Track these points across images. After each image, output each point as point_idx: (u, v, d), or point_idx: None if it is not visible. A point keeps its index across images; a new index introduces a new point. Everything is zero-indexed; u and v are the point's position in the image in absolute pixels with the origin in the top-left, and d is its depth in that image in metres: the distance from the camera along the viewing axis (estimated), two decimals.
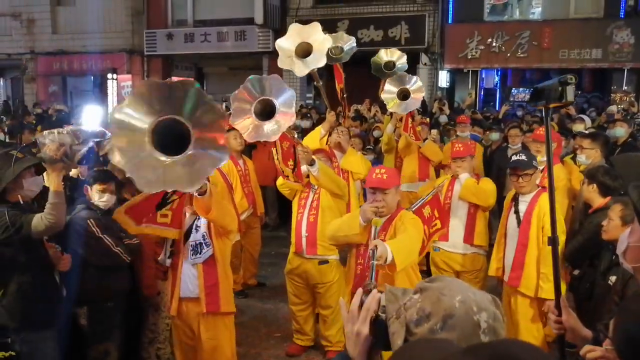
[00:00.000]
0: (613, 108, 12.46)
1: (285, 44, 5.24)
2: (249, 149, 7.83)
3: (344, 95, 7.25)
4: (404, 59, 7.79)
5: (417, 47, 14.27)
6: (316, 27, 5.19)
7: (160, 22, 17.65)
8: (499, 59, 13.64)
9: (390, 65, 7.69)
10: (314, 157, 4.69)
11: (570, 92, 2.95)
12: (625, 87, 14.12)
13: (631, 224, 2.06)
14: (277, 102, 3.79)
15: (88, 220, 3.96)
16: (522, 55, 13.55)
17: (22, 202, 3.53)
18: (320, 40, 5.20)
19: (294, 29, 5.26)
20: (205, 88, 19.50)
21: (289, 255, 5.14)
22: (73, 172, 4.55)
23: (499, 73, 16.10)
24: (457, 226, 5.10)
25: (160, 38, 17.34)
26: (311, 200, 4.95)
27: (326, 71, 17.76)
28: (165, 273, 4.55)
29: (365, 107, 11.72)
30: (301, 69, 5.12)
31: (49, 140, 3.67)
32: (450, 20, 14.22)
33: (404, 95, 6.44)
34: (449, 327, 1.31)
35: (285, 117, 3.80)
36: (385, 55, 7.94)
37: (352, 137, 7.04)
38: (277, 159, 4.66)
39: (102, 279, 4.02)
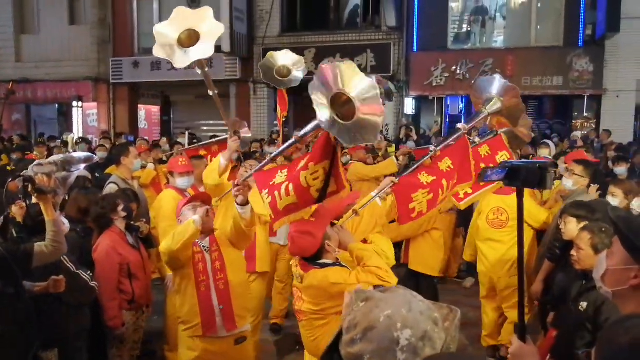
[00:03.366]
0: (577, 134, 12.78)
1: (166, 30, 4.07)
2: None
3: (284, 128, 6.46)
4: (302, 66, 6.12)
5: (383, 74, 14.44)
6: (207, 11, 4.09)
7: (127, 50, 17.57)
8: (464, 86, 13.88)
9: (284, 71, 6.06)
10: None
11: (550, 180, 2.98)
12: (586, 114, 14.49)
13: (603, 250, 2.05)
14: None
15: (62, 257, 3.82)
16: None
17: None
18: (210, 27, 4.09)
19: (180, 12, 4.12)
20: (172, 116, 19.42)
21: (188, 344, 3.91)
22: None
23: (464, 100, 16.38)
24: None
25: (126, 66, 17.24)
26: (211, 262, 3.87)
27: (293, 100, 17.88)
28: (129, 302, 4.44)
29: None
30: (181, 60, 4.06)
31: (40, 171, 3.66)
32: (415, 49, 14.46)
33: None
34: (366, 339, 1.35)
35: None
36: (280, 57, 6.10)
37: None
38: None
39: (71, 316, 3.91)
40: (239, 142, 4.57)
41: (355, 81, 2.92)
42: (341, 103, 2.95)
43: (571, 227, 4.12)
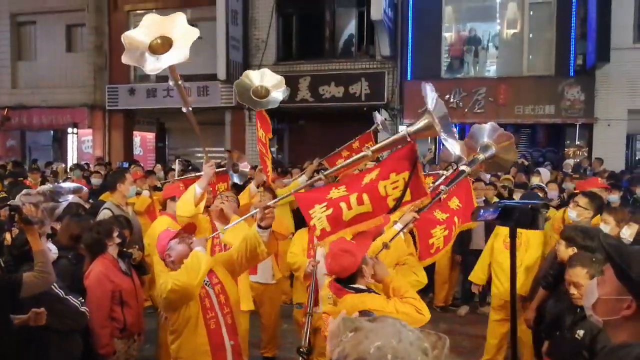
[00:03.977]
0: (570, 162, 12.85)
1: (137, 36, 3.85)
2: None
3: (268, 149, 6.13)
4: (283, 87, 5.81)
5: (377, 102, 14.56)
6: (179, 17, 3.90)
7: (123, 77, 17.67)
8: (457, 115, 13.98)
9: (262, 92, 5.79)
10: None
11: (542, 221, 2.99)
12: (578, 142, 14.59)
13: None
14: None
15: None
16: (479, 110, 13.95)
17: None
18: (183, 33, 3.87)
19: (151, 19, 3.92)
20: (167, 143, 19.45)
21: None
22: None
23: (457, 128, 16.48)
24: None
25: (122, 93, 17.32)
26: (215, 296, 3.67)
27: (288, 128, 17.90)
28: (121, 330, 4.40)
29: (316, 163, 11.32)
30: (152, 66, 3.82)
31: (27, 201, 3.66)
32: (408, 77, 14.59)
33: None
34: None
35: None
36: (255, 78, 5.83)
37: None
38: None
39: (62, 344, 3.86)
40: (214, 169, 4.54)
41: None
42: None
43: (562, 249, 4.19)
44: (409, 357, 1.35)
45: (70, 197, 3.88)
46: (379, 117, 8.32)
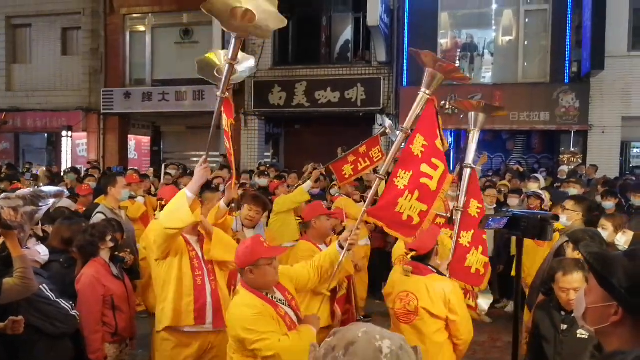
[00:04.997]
0: (564, 168, 12.89)
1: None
2: None
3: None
4: (252, 64, 5.11)
5: (373, 108, 14.58)
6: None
7: (118, 81, 17.67)
8: (452, 121, 14.00)
9: None
10: None
11: (550, 231, 2.97)
12: (572, 149, 14.62)
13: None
14: None
15: (40, 286, 3.75)
16: None
17: None
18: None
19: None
20: (162, 146, 19.44)
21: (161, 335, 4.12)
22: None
23: (453, 134, 16.52)
24: None
25: (117, 96, 17.30)
26: (204, 264, 4.17)
27: (283, 132, 17.92)
28: (113, 335, 4.37)
29: (311, 168, 11.31)
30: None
31: (6, 205, 3.57)
32: (404, 83, 14.62)
33: None
34: (350, 354, 1.37)
35: None
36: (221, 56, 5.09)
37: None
38: None
39: (53, 349, 3.80)
40: (209, 172, 4.02)
41: None
42: None
43: (569, 252, 4.21)
44: (393, 339, 1.42)
45: (52, 201, 3.78)
46: (388, 121, 8.33)
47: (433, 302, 3.75)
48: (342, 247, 3.63)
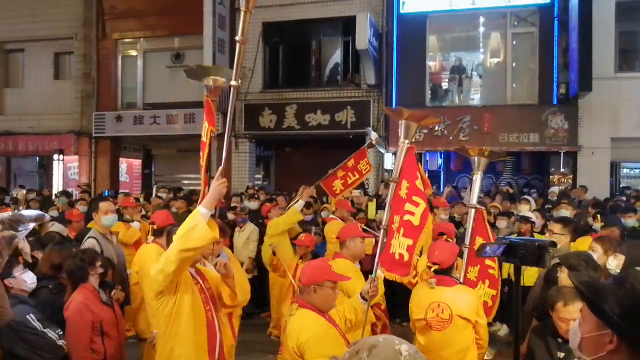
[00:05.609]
0: (555, 189, 12.96)
1: None
2: None
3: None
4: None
5: (363, 130, 14.64)
6: None
7: (110, 104, 17.71)
8: (442, 142, 14.11)
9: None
10: None
11: (547, 259, 3.01)
12: (562, 169, 14.73)
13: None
14: None
15: (27, 316, 3.71)
16: (464, 138, 14.05)
17: None
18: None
19: None
20: (153, 169, 19.42)
21: None
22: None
23: (442, 156, 16.61)
24: None
25: (109, 120, 17.32)
26: (208, 293, 3.90)
27: (273, 154, 17.97)
28: None
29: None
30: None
31: None
32: (394, 106, 14.69)
33: None
34: (373, 355, 1.59)
35: None
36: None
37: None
38: None
39: None
40: (225, 185, 3.57)
41: None
42: None
43: (564, 277, 4.18)
44: (410, 345, 1.64)
45: (31, 226, 3.72)
46: (373, 133, 8.42)
47: (464, 309, 4.19)
48: (364, 299, 3.86)
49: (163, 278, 3.50)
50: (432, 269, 4.31)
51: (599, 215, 7.77)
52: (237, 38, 3.72)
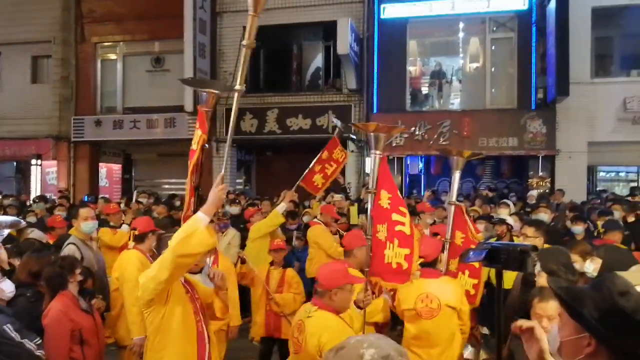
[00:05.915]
0: (533, 193, 13.10)
1: None
2: None
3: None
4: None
5: (344, 135, 14.70)
6: None
7: (89, 109, 17.56)
8: (422, 147, 14.20)
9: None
10: None
11: (530, 263, 3.02)
12: (541, 173, 14.88)
13: None
14: None
15: (4, 327, 3.65)
16: (444, 142, 14.17)
17: None
18: None
19: None
20: (133, 174, 19.27)
21: None
22: None
23: (423, 160, 16.72)
24: None
25: (88, 124, 17.18)
26: (198, 303, 3.77)
27: (255, 159, 17.90)
28: None
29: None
30: None
31: None
32: (375, 110, 14.79)
33: None
34: (338, 357, 1.62)
35: None
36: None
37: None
38: None
39: None
40: (226, 191, 3.55)
41: None
42: None
43: (542, 281, 4.23)
44: (382, 348, 1.60)
45: (6, 232, 3.64)
46: (338, 121, 8.52)
47: (451, 299, 4.56)
48: (359, 307, 4.09)
49: (155, 286, 3.36)
50: (418, 262, 4.59)
51: (599, 222, 7.86)
52: (244, 43, 3.76)
